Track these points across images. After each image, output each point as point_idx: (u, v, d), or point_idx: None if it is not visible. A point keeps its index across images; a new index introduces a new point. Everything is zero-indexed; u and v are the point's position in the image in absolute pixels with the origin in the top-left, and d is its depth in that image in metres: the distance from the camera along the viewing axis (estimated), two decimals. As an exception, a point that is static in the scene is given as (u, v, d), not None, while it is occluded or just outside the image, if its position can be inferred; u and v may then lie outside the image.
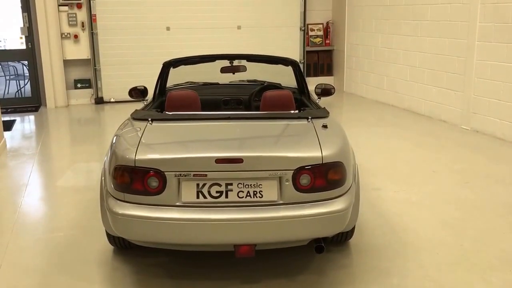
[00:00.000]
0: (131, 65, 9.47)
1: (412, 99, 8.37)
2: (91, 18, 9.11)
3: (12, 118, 8.28)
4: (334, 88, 4.79)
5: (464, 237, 3.83)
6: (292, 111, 3.83)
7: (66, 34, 9.01)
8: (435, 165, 5.55)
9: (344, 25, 10.32)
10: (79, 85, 9.39)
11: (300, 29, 10.49)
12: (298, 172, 2.96)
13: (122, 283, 3.28)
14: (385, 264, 3.47)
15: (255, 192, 2.96)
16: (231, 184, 2.96)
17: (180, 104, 3.98)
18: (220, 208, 2.94)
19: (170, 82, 5.02)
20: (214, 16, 9.82)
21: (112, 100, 9.45)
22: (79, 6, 8.98)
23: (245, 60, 4.86)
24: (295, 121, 3.56)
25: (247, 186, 2.96)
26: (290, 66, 4.71)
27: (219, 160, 2.93)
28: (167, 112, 3.89)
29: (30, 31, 8.91)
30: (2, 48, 10.31)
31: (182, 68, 4.90)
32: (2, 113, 8.65)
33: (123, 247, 3.59)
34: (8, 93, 9.95)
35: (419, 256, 3.55)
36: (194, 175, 2.94)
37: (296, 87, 4.97)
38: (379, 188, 4.87)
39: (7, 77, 10.19)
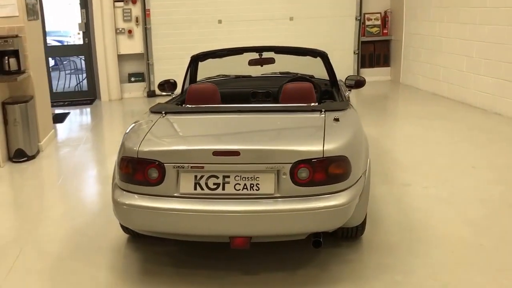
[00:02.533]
0: (183, 58, 9.54)
1: (468, 91, 7.94)
2: (145, 13, 9.38)
3: (66, 111, 8.71)
4: (365, 79, 4.67)
5: (486, 236, 3.61)
6: (312, 104, 3.76)
7: (121, 29, 9.33)
8: (477, 160, 5.26)
9: (402, 14, 9.97)
10: (132, 79, 9.71)
11: (356, 18, 10.24)
12: (297, 165, 2.91)
13: (128, 270, 3.37)
14: (393, 260, 3.34)
15: (252, 185, 2.94)
16: (228, 177, 2.96)
17: (200, 97, 4.02)
18: (217, 200, 2.95)
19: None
20: (266, 8, 9.79)
21: (163, 93, 9.67)
22: (134, 1, 9.27)
23: (273, 52, 4.80)
24: (308, 114, 3.50)
25: (244, 178, 2.95)
26: (319, 58, 4.60)
27: (216, 153, 2.94)
28: (187, 105, 3.96)
29: (87, 27, 9.31)
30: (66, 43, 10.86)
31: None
32: (59, 106, 9.15)
33: (135, 236, 3.69)
34: (69, 86, 10.47)
35: (432, 254, 3.39)
36: (191, 167, 2.96)
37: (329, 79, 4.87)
38: (408, 184, 4.68)
39: (67, 71, 10.71)
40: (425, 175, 4.88)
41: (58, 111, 8.76)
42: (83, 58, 9.93)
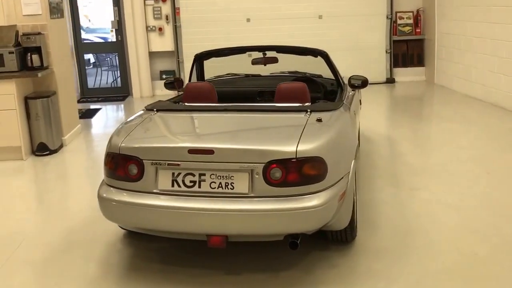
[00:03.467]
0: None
1: (500, 93, 7.64)
2: (175, 11, 9.52)
3: (98, 107, 8.95)
4: (367, 80, 4.58)
5: (483, 246, 3.47)
6: (298, 104, 3.73)
7: (151, 27, 9.51)
8: (496, 166, 5.05)
9: (434, 12, 9.70)
10: (164, 76, 9.87)
11: (387, 17, 10.05)
12: (269, 165, 2.90)
13: (116, 264, 3.44)
14: (381, 267, 3.27)
15: (226, 184, 2.95)
16: (204, 175, 2.98)
17: (196, 95, 4.06)
18: (193, 197, 2.97)
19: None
20: (294, 6, 9.75)
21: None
22: (163, -1, 9.44)
23: (275, 52, 4.78)
24: (292, 114, 3.48)
25: (219, 177, 2.96)
26: (320, 57, 4.54)
27: (192, 151, 2.96)
28: (183, 104, 4.01)
29: (120, 25, 9.53)
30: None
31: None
32: (93, 101, 9.42)
33: (131, 231, 3.75)
34: (106, 83, 10.76)
35: (422, 262, 3.29)
36: (168, 164, 3.00)
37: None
38: (417, 188, 4.56)
39: (104, 68, 11.01)
40: (437, 180, 4.74)
41: (93, 106, 9.03)
42: (117, 55, 10.18)
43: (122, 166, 3.09)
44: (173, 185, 3.00)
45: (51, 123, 6.03)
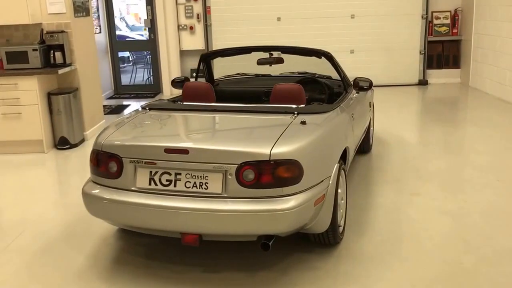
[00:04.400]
0: (242, 56, 9.77)
1: (532, 97, 7.35)
2: (206, 10, 9.64)
3: (128, 103, 9.20)
4: (371, 82, 4.51)
5: (471, 256, 3.36)
6: (294, 105, 3.72)
7: (183, 25, 9.67)
8: (508, 173, 4.87)
9: (472, 12, 9.39)
10: (194, 74, 9.99)
11: (422, 17, 9.80)
12: (242, 167, 2.93)
13: (104, 257, 3.54)
14: (360, 272, 3.23)
15: (201, 184, 3.00)
16: (180, 174, 3.03)
17: (195, 95, 4.13)
18: (169, 196, 3.03)
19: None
20: (326, 5, 9.67)
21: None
22: (195, -2, 9.57)
23: (280, 52, 4.78)
24: (278, 116, 3.48)
25: (194, 177, 3.01)
26: (325, 59, 4.51)
27: (168, 150, 3.02)
28: (182, 103, 4.10)
29: (153, 23, 9.75)
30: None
31: None
32: (126, 98, 9.68)
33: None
34: (142, 80, 11.03)
35: (403, 269, 3.23)
36: (145, 162, 3.08)
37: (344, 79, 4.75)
38: (419, 193, 4.46)
39: (140, 66, 11.28)
40: (442, 186, 4.62)
41: (125, 103, 9.28)
42: (150, 53, 10.41)
43: (104, 163, 3.19)
44: (150, 183, 3.08)
45: (72, 118, 6.25)
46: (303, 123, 3.31)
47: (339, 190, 3.52)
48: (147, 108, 3.80)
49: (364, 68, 9.92)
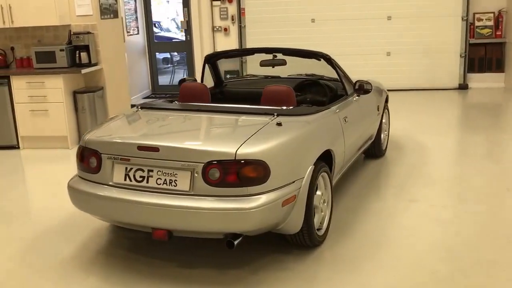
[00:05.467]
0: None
1: None
2: (240, 12, 9.75)
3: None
4: (370, 85, 4.45)
5: (449, 265, 3.26)
6: (281, 107, 3.75)
7: (217, 27, 9.82)
8: (521, 181, 4.67)
9: (517, 14, 9.01)
10: (228, 76, 10.13)
11: (462, 18, 9.47)
12: (208, 165, 2.99)
13: (89, 248, 3.69)
14: (330, 275, 3.21)
15: (170, 181, 3.08)
16: (152, 171, 3.13)
17: (190, 95, 4.22)
18: (141, 191, 3.14)
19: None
20: (361, 7, 9.53)
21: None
22: (230, 0, 9.69)
23: (282, 54, 4.79)
24: (257, 117, 3.51)
25: (165, 174, 3.10)
26: (324, 61, 4.49)
27: (140, 147, 3.13)
28: (177, 102, 4.21)
29: (189, 25, 9.96)
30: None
31: None
32: (162, 98, 9.93)
33: None
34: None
35: (375, 275, 3.17)
36: (121, 159, 3.20)
37: (352, 82, 4.71)
38: (417, 200, 4.35)
39: (178, 66, 11.55)
40: (445, 193, 4.49)
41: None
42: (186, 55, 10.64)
43: (86, 158, 3.34)
44: (125, 179, 3.20)
45: (96, 116, 6.52)
46: (279, 124, 3.33)
47: (318, 192, 3.52)
48: (139, 107, 3.93)
49: (401, 71, 9.71)
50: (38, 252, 3.70)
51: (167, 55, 11.89)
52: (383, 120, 5.49)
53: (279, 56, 4.83)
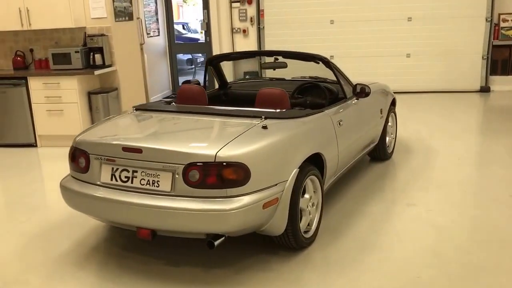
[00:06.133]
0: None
1: None
2: (259, 14, 9.79)
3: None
4: (369, 88, 4.42)
5: (433, 270, 3.23)
6: (271, 110, 3.77)
7: (236, 29, 9.90)
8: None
9: (543, 14, 8.76)
10: (247, 77, 10.21)
11: (486, 19, 9.27)
12: (188, 167, 3.05)
13: (85, 245, 3.80)
14: (312, 277, 3.22)
15: (153, 181, 3.16)
16: (136, 172, 3.21)
17: (187, 97, 4.29)
18: (126, 191, 3.22)
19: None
20: (381, 8, 9.44)
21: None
22: (249, 2, 9.74)
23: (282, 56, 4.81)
24: (246, 119, 3.55)
25: (148, 175, 3.18)
26: (322, 64, 4.48)
27: (125, 149, 3.22)
28: (173, 104, 4.30)
29: (209, 26, 10.07)
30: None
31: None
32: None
33: None
34: (201, 81, 11.41)
35: (358, 278, 3.17)
36: (107, 159, 3.30)
37: (352, 85, 4.70)
38: (415, 204, 4.31)
39: (199, 67, 11.69)
40: (445, 198, 4.42)
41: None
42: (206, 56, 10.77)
43: (77, 158, 3.46)
44: (112, 179, 3.29)
45: (109, 116, 6.67)
46: (264, 127, 3.37)
47: (306, 196, 3.53)
48: (133, 108, 4.03)
49: (421, 73, 9.58)
50: (36, 246, 3.84)
51: (190, 56, 12.05)
52: (389, 123, 5.45)
53: (280, 59, 4.85)
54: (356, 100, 4.52)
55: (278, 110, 3.77)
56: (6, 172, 5.82)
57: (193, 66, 11.92)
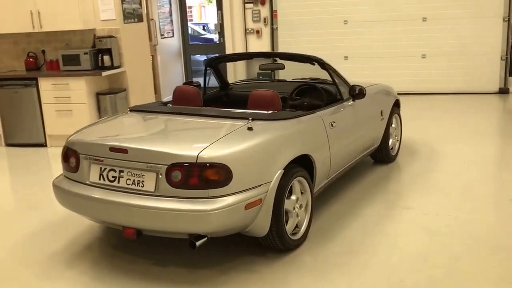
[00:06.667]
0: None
1: None
2: (272, 14, 9.79)
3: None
4: (364, 89, 4.38)
5: (419, 276, 3.18)
6: (267, 112, 3.77)
7: (250, 29, 9.92)
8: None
9: None
10: (260, 77, 10.20)
11: (504, 19, 9.08)
12: (171, 168, 3.07)
13: (78, 244, 3.86)
14: (294, 279, 3.21)
15: (138, 181, 3.20)
16: (123, 171, 3.26)
17: (183, 98, 4.33)
18: (113, 191, 3.27)
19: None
20: (395, 8, 9.34)
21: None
22: (262, 2, 9.75)
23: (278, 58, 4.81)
24: (233, 121, 3.56)
25: (134, 175, 3.22)
26: (318, 65, 4.47)
27: (112, 149, 3.27)
28: (170, 105, 4.34)
29: (222, 27, 10.11)
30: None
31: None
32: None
33: None
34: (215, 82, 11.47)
35: (339, 281, 3.15)
36: (95, 159, 3.35)
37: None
38: (411, 208, 4.25)
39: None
40: (442, 201, 4.35)
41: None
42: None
43: (68, 158, 3.52)
44: (100, 179, 3.34)
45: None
46: (250, 129, 3.37)
47: (293, 197, 3.53)
48: (128, 110, 4.09)
49: (436, 74, 9.43)
50: (32, 245, 3.92)
51: (206, 57, 12.11)
52: (393, 125, 5.39)
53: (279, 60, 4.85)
54: (352, 102, 4.48)
55: (270, 112, 3.77)
56: (15, 171, 5.96)
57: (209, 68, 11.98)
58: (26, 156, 6.49)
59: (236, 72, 9.97)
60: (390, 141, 5.34)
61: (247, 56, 5.03)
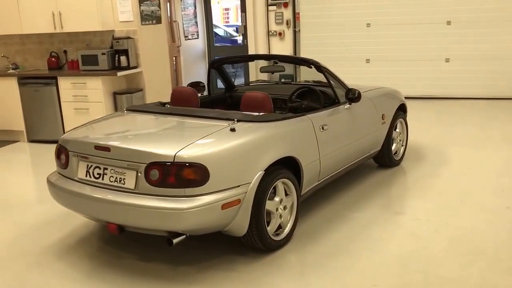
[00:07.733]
0: (330, 61, 9.69)
1: None
2: (295, 17, 9.82)
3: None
4: (359, 93, 4.38)
5: (395, 280, 3.17)
6: (260, 113, 3.83)
7: (273, 32, 9.97)
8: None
9: None
10: (282, 80, 10.24)
11: (531, 23, 8.82)
12: (150, 166, 3.18)
13: (72, 237, 4.02)
14: (271, 280, 3.25)
15: (120, 179, 3.32)
16: (107, 169, 3.39)
17: (180, 99, 4.44)
18: (97, 187, 3.41)
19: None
20: (419, 11, 9.20)
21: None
22: (285, 5, 9.79)
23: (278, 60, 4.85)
24: (217, 122, 3.63)
25: (116, 172, 3.34)
26: (314, 68, 4.49)
27: (96, 147, 3.40)
28: (167, 106, 4.46)
29: (245, 29, 10.21)
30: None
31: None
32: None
33: None
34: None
35: (313, 283, 3.18)
36: (82, 156, 3.49)
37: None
38: (403, 213, 4.22)
39: (238, 70, 11.83)
40: (436, 208, 4.29)
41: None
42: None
43: (59, 155, 3.69)
44: (86, 175, 3.48)
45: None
46: (232, 130, 3.44)
47: (276, 198, 3.57)
48: (124, 109, 4.23)
49: (461, 78, 9.24)
50: (29, 236, 4.11)
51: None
52: (397, 130, 5.35)
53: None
54: (349, 105, 4.49)
55: (256, 114, 3.83)
56: (32, 166, 6.22)
57: (234, 70, 12.09)
58: (45, 153, 6.73)
59: (257, 74, 10.04)
60: (394, 145, 5.30)
61: (248, 58, 5.10)
